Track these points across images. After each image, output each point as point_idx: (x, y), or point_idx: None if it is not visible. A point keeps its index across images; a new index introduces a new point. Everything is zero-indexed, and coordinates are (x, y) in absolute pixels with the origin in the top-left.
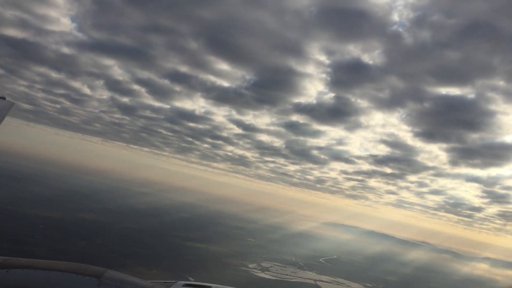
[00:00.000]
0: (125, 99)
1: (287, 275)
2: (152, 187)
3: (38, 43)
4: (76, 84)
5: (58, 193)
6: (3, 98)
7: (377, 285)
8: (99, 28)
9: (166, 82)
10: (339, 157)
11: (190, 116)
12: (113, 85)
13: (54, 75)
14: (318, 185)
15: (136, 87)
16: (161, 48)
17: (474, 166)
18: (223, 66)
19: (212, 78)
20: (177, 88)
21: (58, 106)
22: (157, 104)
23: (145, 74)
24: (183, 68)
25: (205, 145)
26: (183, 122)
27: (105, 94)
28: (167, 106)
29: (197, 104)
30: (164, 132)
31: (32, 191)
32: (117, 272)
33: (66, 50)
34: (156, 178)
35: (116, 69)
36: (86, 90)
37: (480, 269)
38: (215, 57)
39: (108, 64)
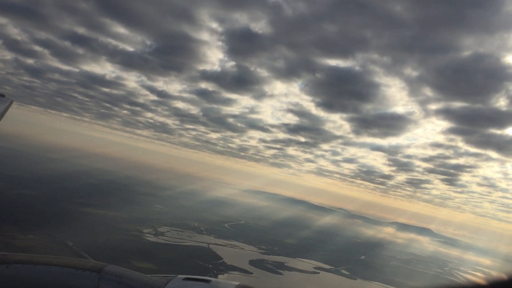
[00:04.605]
0: (30, 61)
1: (181, 239)
2: (66, 153)
3: None
4: None
5: None
6: (2, 96)
7: (272, 248)
8: None
9: (67, 44)
10: (254, 125)
11: (101, 80)
12: (13, 45)
13: None
14: (242, 153)
15: (38, 48)
16: (51, 7)
17: (374, 135)
18: (120, 29)
19: (113, 41)
20: (80, 50)
21: None
22: (65, 67)
23: (43, 34)
24: (81, 30)
25: (124, 111)
26: (96, 87)
27: (7, 55)
28: (76, 70)
29: (105, 68)
30: (80, 97)
31: None
32: (117, 267)
33: None
34: (74, 144)
35: (11, 28)
36: None
37: (385, 232)
38: (110, 20)
39: (0, 22)
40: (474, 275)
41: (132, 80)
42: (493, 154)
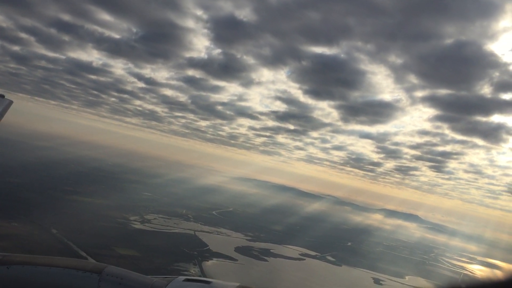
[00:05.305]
0: (16, 48)
1: (167, 226)
2: (54, 141)
3: None
4: None
5: None
6: (2, 96)
7: (259, 234)
8: None
9: (53, 31)
10: (243, 113)
11: (88, 68)
12: None
13: None
14: (232, 141)
15: (23, 35)
16: None
17: (362, 123)
18: (106, 16)
19: (99, 28)
20: (66, 37)
21: None
22: (51, 54)
23: (28, 21)
24: (66, 17)
25: (112, 99)
26: (83, 74)
27: None
28: (63, 57)
29: (92, 56)
30: (67, 84)
31: None
32: (117, 268)
33: None
34: (62, 132)
35: None
36: None
37: (373, 219)
38: (95, 7)
39: None
40: (459, 261)
41: (119, 67)
42: (479, 141)
